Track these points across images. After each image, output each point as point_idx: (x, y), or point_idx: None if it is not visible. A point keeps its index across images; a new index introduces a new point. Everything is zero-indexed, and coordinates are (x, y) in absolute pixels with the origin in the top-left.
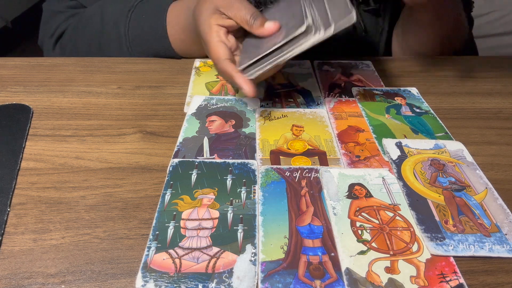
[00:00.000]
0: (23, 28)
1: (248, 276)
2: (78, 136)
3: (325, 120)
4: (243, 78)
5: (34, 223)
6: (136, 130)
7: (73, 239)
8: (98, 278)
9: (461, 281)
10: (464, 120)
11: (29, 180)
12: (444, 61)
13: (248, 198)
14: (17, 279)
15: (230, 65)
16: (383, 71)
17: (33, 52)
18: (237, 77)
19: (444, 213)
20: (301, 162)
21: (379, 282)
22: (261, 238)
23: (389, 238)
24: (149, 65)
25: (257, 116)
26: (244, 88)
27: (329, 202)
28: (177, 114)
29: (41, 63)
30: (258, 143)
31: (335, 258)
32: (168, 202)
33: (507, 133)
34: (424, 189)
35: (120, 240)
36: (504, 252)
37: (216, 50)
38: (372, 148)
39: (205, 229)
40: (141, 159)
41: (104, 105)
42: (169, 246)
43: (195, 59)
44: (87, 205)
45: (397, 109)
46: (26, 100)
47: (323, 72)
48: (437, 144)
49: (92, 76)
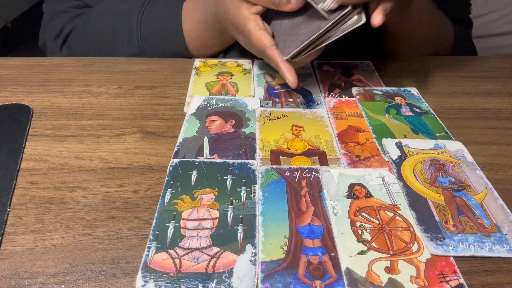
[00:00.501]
0: (23, 28)
1: (248, 276)
2: (78, 136)
3: (325, 120)
4: (289, 67)
5: (34, 223)
6: (136, 130)
7: (73, 239)
8: (98, 278)
9: (461, 281)
10: (464, 120)
11: (29, 180)
12: (444, 61)
13: (248, 198)
14: (17, 279)
15: (276, 52)
16: (383, 71)
17: (33, 52)
18: (283, 66)
19: (444, 213)
20: (301, 162)
21: (379, 282)
22: (261, 238)
23: (389, 238)
24: (149, 65)
25: (257, 116)
26: (288, 78)
27: (329, 202)
28: (177, 114)
29: (41, 63)
30: (258, 143)
31: (335, 258)
32: (168, 202)
33: (507, 133)
34: (424, 189)
35: (120, 240)
36: (504, 252)
37: (259, 38)
38: (372, 148)
39: (205, 229)
40: (141, 159)
41: (104, 105)
42: (169, 246)
43: (195, 59)
44: (87, 205)
45: (397, 109)
46: (26, 100)
47: (323, 72)
48: (437, 144)
49: (92, 76)
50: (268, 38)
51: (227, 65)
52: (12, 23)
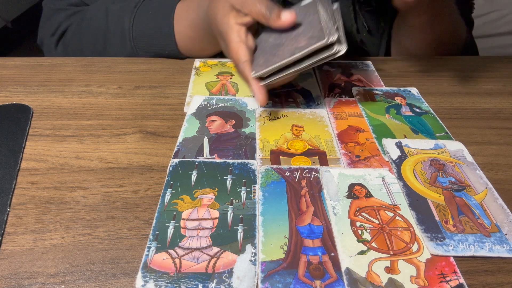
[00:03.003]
0: (23, 28)
1: (248, 276)
2: (78, 136)
3: (325, 120)
4: (258, 85)
5: (34, 223)
6: (136, 130)
7: (73, 239)
8: (98, 278)
9: (461, 281)
10: (464, 120)
11: (29, 180)
12: (444, 61)
13: (248, 198)
14: (17, 279)
15: (248, 68)
16: (383, 71)
17: (33, 52)
18: (253, 83)
19: (444, 213)
20: (301, 162)
21: (379, 282)
22: (261, 238)
23: (389, 238)
24: (149, 65)
25: (257, 116)
26: (256, 95)
27: (329, 202)
28: (177, 114)
29: (41, 63)
30: (258, 143)
31: (335, 258)
32: (168, 202)
33: (507, 133)
34: (424, 189)
35: (120, 240)
36: (504, 252)
37: (236, 51)
38: (372, 148)
39: (205, 229)
40: (141, 159)
41: (104, 105)
42: (169, 246)
43: (195, 59)
44: (87, 205)
45: (397, 109)
46: (26, 100)
47: (323, 72)
48: (437, 144)
49: (92, 76)
50: (245, 52)
51: (227, 65)
52: (12, 23)
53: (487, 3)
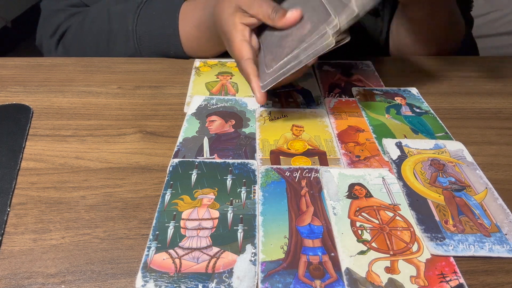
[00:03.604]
0: (23, 28)
1: (248, 276)
2: (78, 136)
3: (325, 120)
4: (258, 84)
5: (34, 223)
6: (136, 130)
7: (73, 239)
8: (98, 278)
9: (461, 281)
10: (464, 120)
11: (29, 180)
12: (444, 61)
13: (248, 198)
14: (17, 279)
15: (250, 66)
16: (383, 71)
17: (33, 52)
18: (253, 81)
19: (444, 213)
20: (301, 162)
21: (379, 282)
22: (261, 238)
23: (389, 238)
24: (149, 65)
25: (257, 116)
26: (256, 94)
27: (329, 202)
28: (177, 114)
29: (41, 63)
30: (258, 143)
31: (335, 258)
32: (168, 202)
33: (507, 133)
34: (424, 189)
35: (120, 240)
36: (504, 252)
37: (239, 49)
38: (372, 148)
39: (205, 229)
40: (141, 159)
41: (104, 105)
42: (169, 246)
43: (195, 59)
44: (87, 205)
45: (397, 109)
46: (26, 100)
47: (323, 72)
48: (437, 144)
49: (92, 76)
50: (248, 50)
51: (227, 65)
52: (12, 23)
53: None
